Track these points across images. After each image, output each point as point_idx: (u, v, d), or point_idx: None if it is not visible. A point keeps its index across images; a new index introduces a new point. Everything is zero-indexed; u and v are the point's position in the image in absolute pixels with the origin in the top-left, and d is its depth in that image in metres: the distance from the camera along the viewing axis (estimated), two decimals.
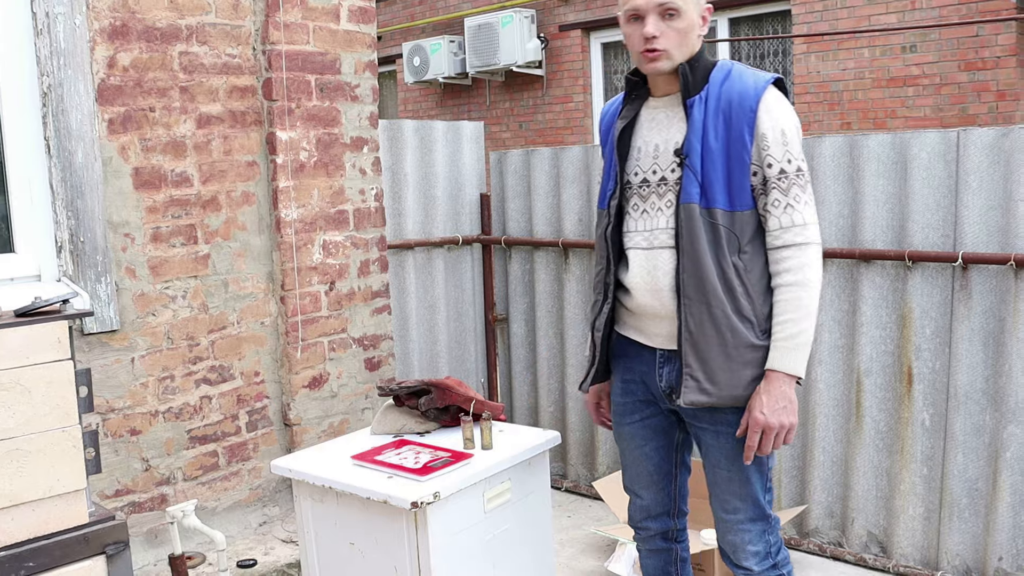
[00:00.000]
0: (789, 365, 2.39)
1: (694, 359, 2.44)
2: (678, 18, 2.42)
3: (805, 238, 2.41)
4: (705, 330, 2.42)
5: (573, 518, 4.51)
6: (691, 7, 2.43)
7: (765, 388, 2.41)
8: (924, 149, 3.59)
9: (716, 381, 2.43)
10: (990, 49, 7.64)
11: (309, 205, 4.21)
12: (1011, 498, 3.51)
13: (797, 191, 2.41)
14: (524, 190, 4.95)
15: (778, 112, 2.42)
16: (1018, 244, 3.41)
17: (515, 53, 10.18)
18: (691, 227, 2.42)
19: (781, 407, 2.39)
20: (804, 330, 2.40)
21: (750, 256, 2.44)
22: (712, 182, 2.41)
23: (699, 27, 2.47)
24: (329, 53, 4.26)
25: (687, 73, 2.45)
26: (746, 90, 2.42)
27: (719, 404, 2.46)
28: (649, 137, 2.56)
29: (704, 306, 2.41)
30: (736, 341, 2.42)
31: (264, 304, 4.15)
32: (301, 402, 4.23)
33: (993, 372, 3.54)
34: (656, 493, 2.77)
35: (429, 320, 4.96)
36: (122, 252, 3.68)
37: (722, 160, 2.41)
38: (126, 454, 3.73)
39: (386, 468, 2.82)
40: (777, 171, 2.41)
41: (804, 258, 2.40)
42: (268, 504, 4.22)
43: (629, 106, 2.62)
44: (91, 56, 3.56)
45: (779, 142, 2.40)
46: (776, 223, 2.42)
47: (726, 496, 2.59)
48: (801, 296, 2.39)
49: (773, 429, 2.39)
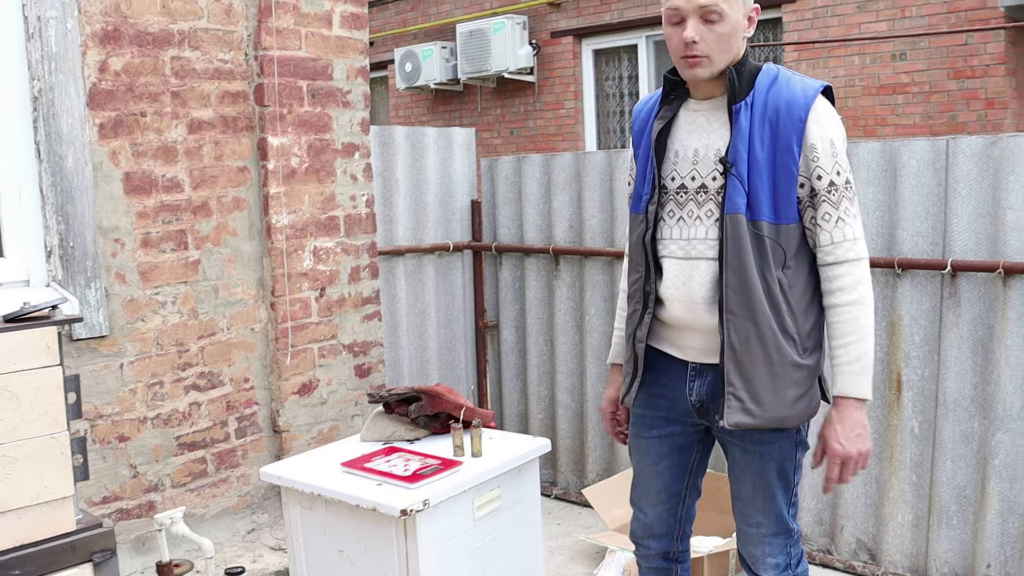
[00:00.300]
0: (858, 389, 2.31)
1: (738, 378, 2.34)
2: (720, 22, 2.30)
3: (857, 253, 2.33)
4: (751, 348, 2.32)
5: (563, 525, 4.51)
6: (736, 9, 2.31)
7: (838, 417, 2.33)
8: (914, 157, 3.60)
9: (761, 401, 2.34)
10: (979, 57, 7.68)
11: (300, 211, 4.20)
12: (999, 505, 3.52)
13: (847, 204, 2.32)
14: (515, 197, 4.95)
15: (827, 122, 2.33)
16: (1007, 252, 3.42)
17: (507, 59, 10.20)
18: (737, 239, 2.31)
19: (856, 434, 2.31)
20: (868, 350, 2.32)
21: (793, 271, 2.35)
22: (758, 192, 2.31)
23: (744, 29, 2.36)
24: (321, 59, 4.26)
25: (734, 78, 2.34)
26: (795, 98, 2.32)
27: (763, 426, 2.37)
28: (688, 141, 2.45)
29: (751, 323, 2.32)
30: (782, 359, 2.33)
31: (254, 310, 4.14)
32: (291, 409, 4.22)
33: (982, 379, 3.55)
34: (662, 512, 2.67)
35: (419, 327, 4.96)
36: (112, 257, 3.67)
37: (768, 170, 2.31)
38: (114, 460, 3.72)
39: (375, 475, 2.82)
40: (827, 183, 2.31)
41: (858, 274, 2.32)
42: (257, 511, 4.21)
43: (667, 106, 2.49)
44: (83, 60, 3.55)
45: (829, 153, 2.31)
46: (828, 238, 2.32)
47: (749, 511, 2.52)
48: (860, 315, 2.31)
49: (852, 458, 2.32)
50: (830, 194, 2.31)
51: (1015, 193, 3.39)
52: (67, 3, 3.47)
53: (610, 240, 4.53)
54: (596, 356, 4.67)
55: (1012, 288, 3.42)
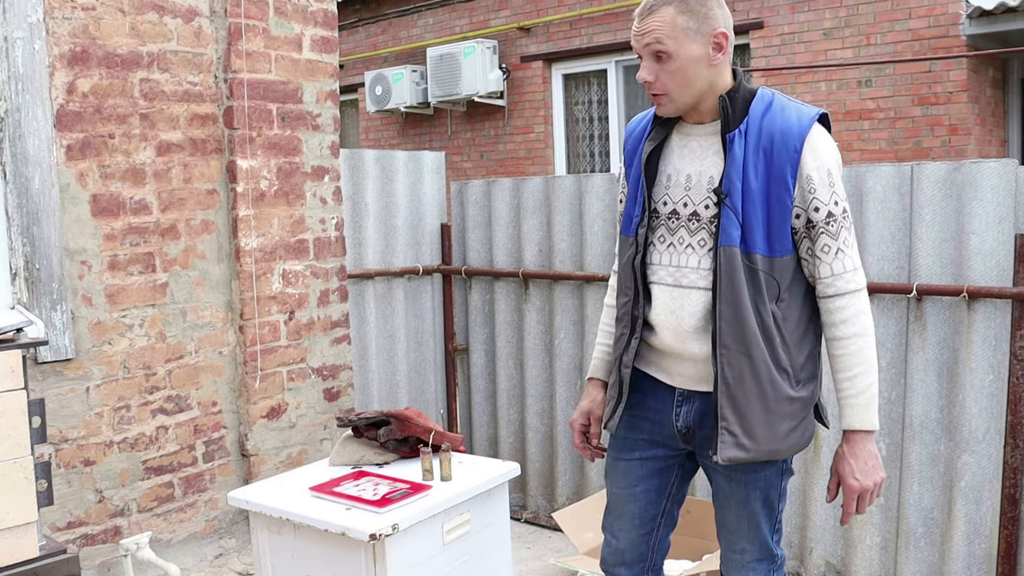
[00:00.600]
0: (867, 421, 2.29)
1: (731, 412, 2.31)
2: (670, 60, 2.24)
3: (857, 284, 2.29)
4: (745, 382, 2.29)
5: (533, 549, 4.49)
6: (686, 44, 2.23)
7: (850, 452, 2.30)
8: (879, 182, 3.64)
9: (754, 435, 2.31)
10: (942, 84, 7.79)
11: (269, 234, 4.19)
12: (966, 527, 3.55)
13: (845, 234, 2.28)
14: (485, 220, 4.96)
15: (823, 151, 2.26)
16: (970, 276, 3.46)
17: (477, 83, 10.23)
18: (731, 272, 2.26)
19: (870, 467, 2.29)
20: (873, 381, 2.29)
21: (787, 303, 2.31)
22: (752, 225, 2.26)
23: (708, 59, 2.25)
24: (291, 82, 4.27)
25: (727, 106, 2.28)
26: (789, 127, 2.25)
27: (756, 459, 2.34)
28: (680, 166, 2.39)
29: (745, 357, 2.28)
30: (776, 394, 2.30)
31: (222, 333, 4.12)
32: (259, 432, 4.19)
33: (947, 402, 3.59)
34: (635, 538, 2.60)
35: (389, 350, 4.94)
36: (79, 280, 3.64)
37: (762, 201, 2.25)
38: (79, 485, 3.67)
39: (344, 500, 2.80)
40: (825, 214, 2.25)
41: (859, 305, 2.29)
42: (224, 536, 4.17)
43: (659, 128, 2.42)
44: (50, 81, 3.53)
45: (825, 183, 2.25)
46: (828, 270, 2.28)
47: (734, 537, 2.50)
48: (863, 347, 2.28)
49: (868, 491, 2.30)
50: (828, 225, 2.26)
51: (978, 218, 3.43)
52: (35, 24, 3.46)
53: (579, 264, 4.55)
54: (566, 379, 4.67)
55: (976, 312, 3.46)
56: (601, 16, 9.78)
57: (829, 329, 2.33)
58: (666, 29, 2.23)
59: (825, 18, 8.37)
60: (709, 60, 2.26)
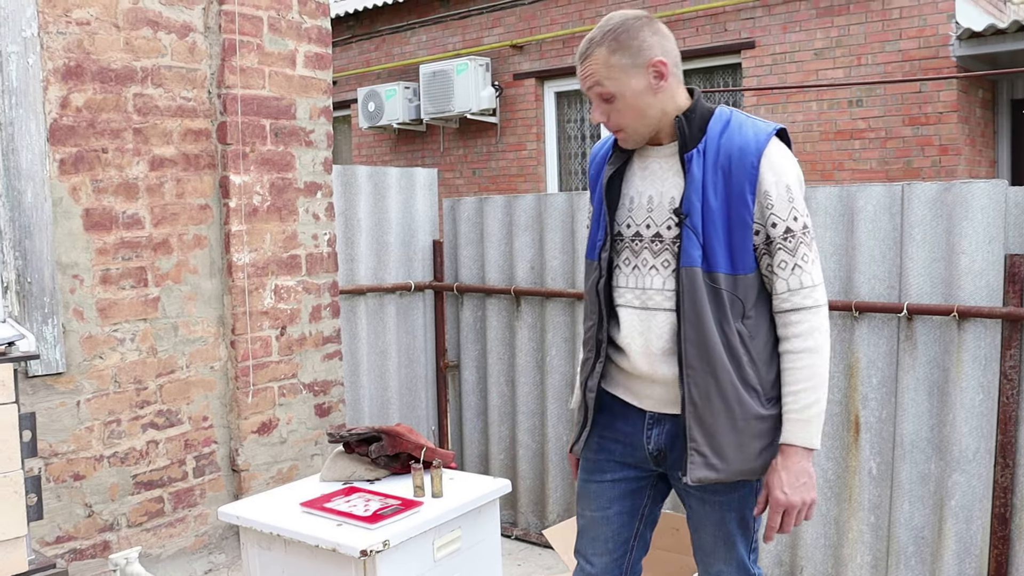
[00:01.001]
0: (806, 438, 2.26)
1: (700, 433, 2.29)
2: (615, 100, 2.28)
3: (815, 300, 2.27)
4: (712, 402, 2.28)
5: (523, 567, 4.49)
6: (625, 81, 2.25)
7: (783, 465, 2.28)
8: (870, 202, 3.66)
9: (724, 456, 2.29)
10: (933, 105, 7.84)
11: (261, 249, 4.19)
12: (956, 546, 3.56)
13: (804, 250, 2.26)
14: (477, 237, 4.97)
15: (781, 167, 2.25)
16: (960, 295, 3.48)
17: (469, 100, 10.26)
18: (693, 293, 2.26)
19: (801, 483, 2.26)
20: (819, 399, 2.27)
21: (754, 321, 2.30)
22: (713, 244, 2.25)
23: (652, 89, 2.27)
24: (284, 98, 4.28)
25: (683, 126, 2.29)
26: (747, 144, 2.25)
27: (727, 480, 2.32)
28: (642, 188, 2.39)
29: (711, 377, 2.26)
30: (744, 413, 2.28)
31: (214, 348, 4.11)
32: (250, 448, 4.18)
33: (938, 421, 3.60)
34: (608, 562, 2.58)
35: (380, 366, 4.94)
36: (70, 294, 3.64)
37: (723, 220, 2.25)
38: (68, 499, 3.66)
39: (335, 516, 2.80)
40: (783, 230, 2.24)
41: (815, 321, 2.26)
42: (214, 551, 4.15)
43: (619, 152, 2.43)
44: (44, 96, 3.53)
45: (784, 199, 2.24)
46: (784, 285, 2.27)
47: (711, 559, 2.48)
48: (813, 363, 2.26)
49: (796, 507, 2.26)
50: (786, 241, 2.25)
51: (968, 238, 3.45)
52: (29, 39, 3.46)
53: (571, 281, 4.56)
54: (557, 397, 4.67)
55: (966, 331, 3.48)
56: None
57: (782, 343, 2.31)
58: (603, 71, 2.26)
59: (816, 38, 8.43)
60: (653, 90, 2.28)
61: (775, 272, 2.28)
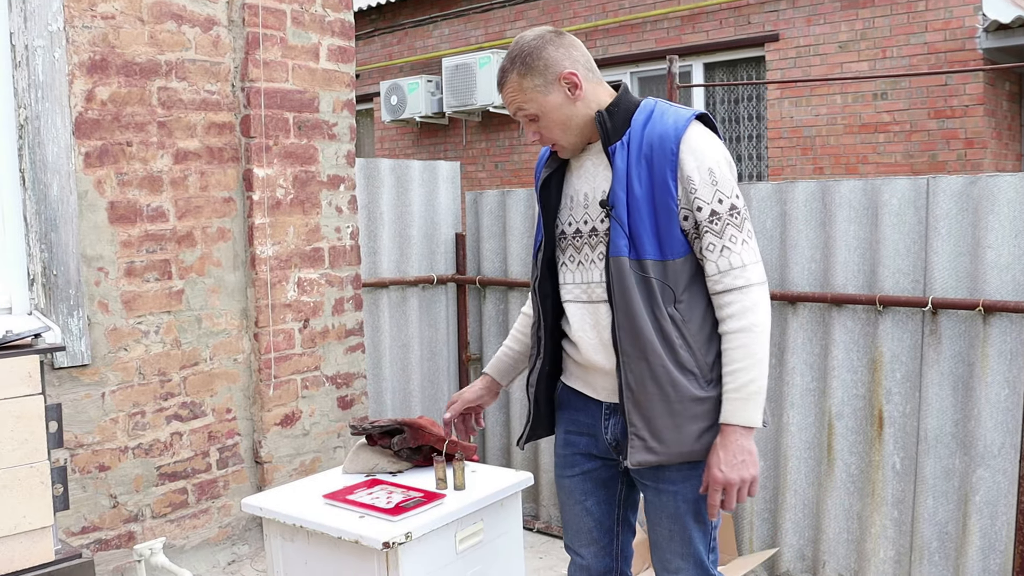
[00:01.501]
0: (744, 417, 2.26)
1: (638, 417, 2.33)
2: (539, 118, 2.37)
3: (746, 280, 2.28)
4: (647, 387, 2.31)
5: (545, 559, 4.49)
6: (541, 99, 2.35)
7: (721, 443, 2.28)
8: (895, 196, 3.64)
9: (662, 439, 2.32)
10: (959, 98, 7.78)
11: (284, 242, 4.20)
12: (980, 542, 3.53)
13: (732, 231, 2.27)
14: (499, 230, 4.97)
15: (702, 150, 2.28)
16: (986, 290, 3.45)
17: (492, 93, 10.25)
18: (622, 281, 2.30)
19: (739, 461, 2.26)
20: (755, 378, 2.26)
21: (687, 305, 2.32)
22: (640, 232, 2.29)
23: (570, 99, 2.36)
24: (308, 91, 4.29)
25: (604, 120, 2.35)
26: (666, 131, 2.28)
27: (668, 462, 2.34)
28: (579, 185, 2.47)
29: (643, 362, 2.30)
30: (679, 396, 2.30)
31: (237, 340, 4.14)
32: (273, 440, 4.20)
33: (963, 416, 3.57)
34: (597, 552, 2.63)
35: (403, 359, 4.95)
36: (95, 286, 3.66)
37: (648, 208, 2.29)
38: (94, 490, 3.69)
39: (358, 508, 2.80)
40: (708, 213, 2.27)
41: (747, 301, 2.27)
42: (238, 543, 4.18)
43: (555, 155, 2.50)
44: (69, 89, 3.56)
45: (706, 182, 2.26)
46: (714, 268, 2.29)
47: (668, 556, 2.48)
48: (748, 343, 2.26)
49: (734, 485, 2.26)
50: (712, 224, 2.27)
51: (994, 232, 3.42)
52: (55, 33, 3.49)
53: None
54: None
55: (992, 326, 3.45)
56: (616, 28, 9.80)
57: (720, 325, 2.32)
58: (520, 95, 2.36)
59: (841, 31, 8.37)
60: (571, 100, 2.36)
61: (704, 255, 2.30)
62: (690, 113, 2.33)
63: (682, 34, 9.44)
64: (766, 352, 2.28)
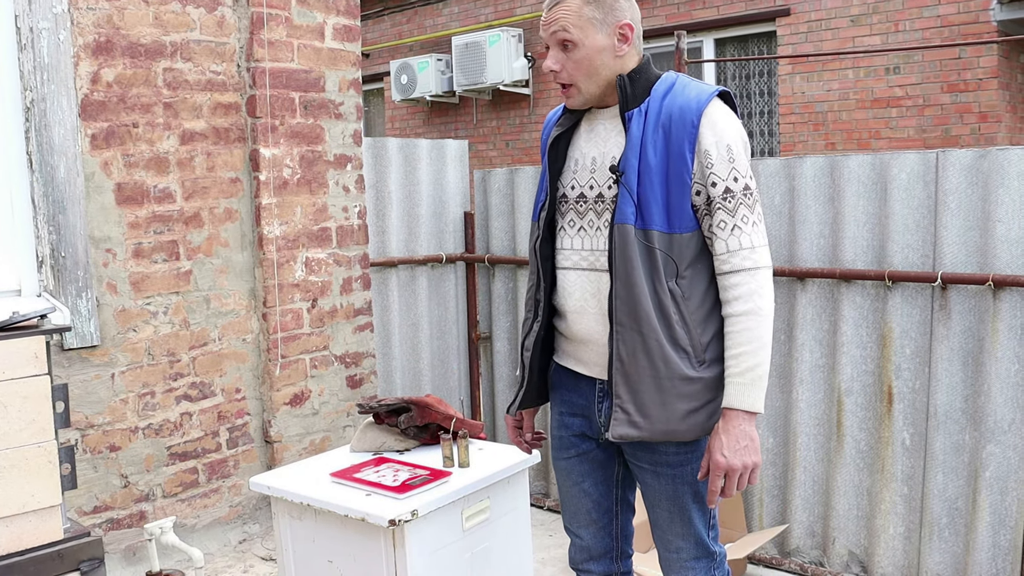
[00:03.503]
0: (747, 402, 2.22)
1: (625, 390, 2.28)
2: (575, 49, 2.29)
3: (755, 262, 2.24)
4: (638, 360, 2.26)
5: (555, 537, 4.50)
6: (591, 33, 2.28)
7: (724, 428, 2.23)
8: (904, 170, 3.61)
9: (647, 414, 2.27)
10: (972, 71, 7.71)
11: (292, 222, 4.21)
12: (990, 517, 3.52)
13: (744, 211, 2.24)
14: (508, 208, 4.96)
15: (723, 126, 2.25)
16: (996, 264, 3.43)
17: (502, 72, 10.23)
18: (624, 250, 2.25)
19: (743, 447, 2.21)
20: (760, 362, 2.22)
21: (689, 282, 2.28)
22: (649, 202, 2.25)
23: (614, 50, 2.31)
24: (313, 71, 4.28)
25: (625, 85, 2.30)
26: (688, 103, 2.25)
27: (650, 439, 2.30)
28: (587, 149, 2.42)
29: (637, 335, 2.25)
30: (669, 372, 2.26)
31: (246, 321, 4.15)
32: (282, 419, 4.22)
33: (972, 392, 3.56)
34: (596, 533, 2.60)
35: (412, 338, 4.96)
36: (103, 267, 3.67)
37: (660, 178, 2.24)
38: (105, 470, 3.71)
39: (364, 486, 2.82)
40: (722, 190, 2.23)
41: (754, 284, 2.23)
42: (248, 521, 4.20)
43: (569, 115, 2.46)
44: (75, 71, 3.56)
45: (724, 158, 2.23)
46: (723, 246, 2.25)
47: (668, 536, 2.46)
48: (754, 326, 2.22)
49: (736, 471, 2.22)
50: (726, 201, 2.23)
51: (1004, 206, 3.40)
52: (60, 15, 3.48)
53: None
54: None
55: (1002, 300, 3.43)
56: None
57: (724, 307, 2.29)
58: (572, 18, 2.28)
59: (853, 4, 8.30)
60: (615, 51, 2.31)
61: (715, 233, 2.26)
62: (713, 89, 2.29)
63: (692, 9, 9.38)
64: (770, 337, 2.25)
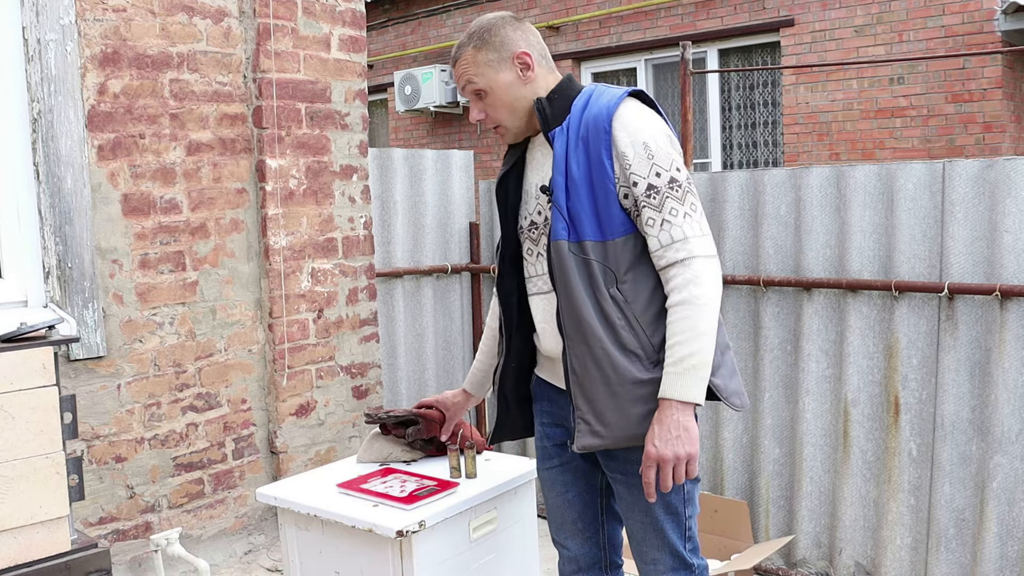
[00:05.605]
0: (680, 392, 2.19)
1: (583, 401, 2.30)
2: (488, 95, 2.38)
3: (688, 252, 2.22)
4: (588, 370, 2.28)
5: None
6: (493, 75, 2.37)
7: (657, 418, 2.22)
8: (910, 180, 3.61)
9: (606, 423, 2.28)
10: (976, 81, 7.71)
11: (298, 233, 4.21)
12: (998, 528, 3.51)
13: (673, 204, 2.23)
14: None
15: (636, 125, 2.26)
16: (1003, 275, 3.42)
17: None
18: (561, 265, 2.29)
19: (675, 436, 2.18)
20: (695, 352, 2.19)
21: (631, 286, 2.29)
22: (580, 215, 2.27)
23: (521, 79, 2.38)
24: (319, 81, 4.28)
25: (544, 107, 2.36)
26: (600, 111, 2.28)
27: (613, 446, 2.31)
28: (532, 178, 2.47)
29: (583, 345, 2.28)
30: (620, 378, 2.26)
31: (252, 331, 4.15)
32: (288, 430, 4.21)
33: (980, 402, 3.55)
34: (583, 543, 2.63)
35: (417, 348, 4.96)
36: (110, 278, 3.68)
37: (587, 189, 2.27)
38: (111, 481, 3.71)
39: (372, 496, 2.81)
40: (645, 188, 2.24)
41: (689, 273, 2.21)
42: (254, 532, 4.20)
43: (511, 151, 2.53)
44: (82, 82, 3.57)
45: (641, 156, 2.24)
46: (656, 243, 2.25)
47: (643, 547, 2.46)
48: (688, 315, 2.20)
49: (668, 461, 2.19)
50: (650, 198, 2.24)
51: (1011, 216, 3.40)
52: (67, 26, 3.49)
53: None
54: None
55: (1009, 311, 3.42)
56: (630, 14, 9.76)
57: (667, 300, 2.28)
58: (472, 69, 2.39)
59: (857, 15, 8.31)
60: (522, 80, 2.38)
61: (646, 231, 2.27)
62: (623, 91, 2.33)
63: (696, 20, 9.39)
64: (711, 326, 2.22)
